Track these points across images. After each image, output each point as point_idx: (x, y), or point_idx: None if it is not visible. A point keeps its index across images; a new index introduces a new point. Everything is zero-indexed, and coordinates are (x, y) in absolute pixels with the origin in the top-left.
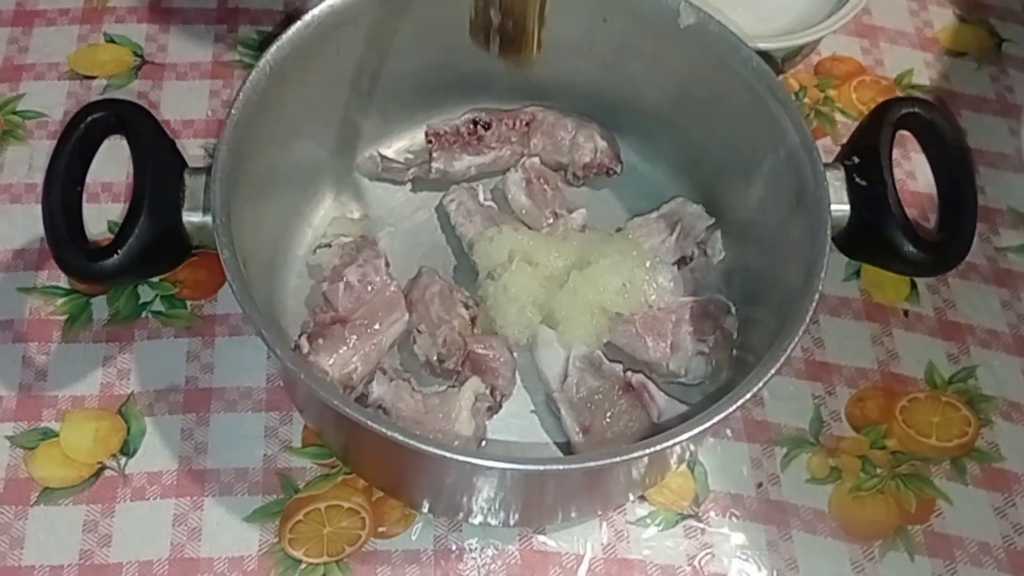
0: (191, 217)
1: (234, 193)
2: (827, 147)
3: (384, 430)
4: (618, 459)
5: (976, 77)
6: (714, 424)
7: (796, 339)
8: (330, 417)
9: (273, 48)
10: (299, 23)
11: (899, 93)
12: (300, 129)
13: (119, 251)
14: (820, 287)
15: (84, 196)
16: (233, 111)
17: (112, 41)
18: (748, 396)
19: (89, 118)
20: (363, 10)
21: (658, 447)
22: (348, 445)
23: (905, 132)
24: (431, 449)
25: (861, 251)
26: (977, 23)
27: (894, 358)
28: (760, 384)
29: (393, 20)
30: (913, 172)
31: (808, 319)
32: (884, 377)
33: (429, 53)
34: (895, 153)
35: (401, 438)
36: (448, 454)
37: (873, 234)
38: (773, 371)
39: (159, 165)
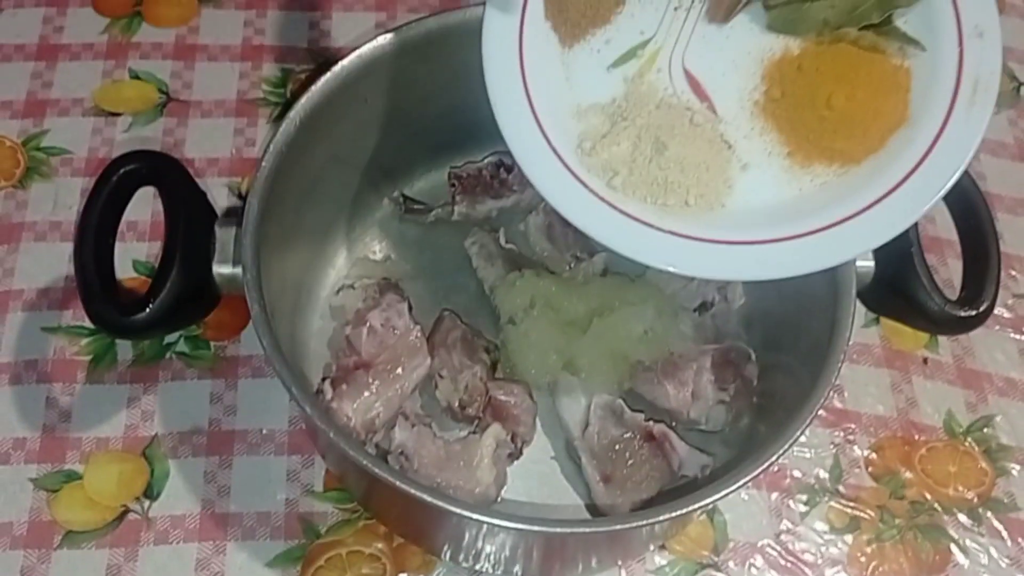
0: (221, 269)
1: (263, 243)
2: None
3: (407, 488)
4: (643, 523)
5: (995, 121)
6: (739, 487)
7: (821, 401)
8: (352, 467)
9: (303, 99)
10: (328, 74)
11: None
12: (326, 173)
13: (151, 305)
14: (846, 347)
15: None
16: (264, 163)
17: (137, 77)
18: (773, 459)
19: (122, 170)
20: (389, 59)
21: (683, 511)
22: (369, 493)
23: None
24: (451, 508)
25: (884, 307)
26: None
27: (913, 406)
28: (785, 448)
29: (418, 67)
30: (933, 216)
31: (834, 380)
32: (903, 425)
33: (452, 98)
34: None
35: (422, 496)
36: (467, 513)
37: (897, 291)
38: (799, 434)
39: (190, 217)
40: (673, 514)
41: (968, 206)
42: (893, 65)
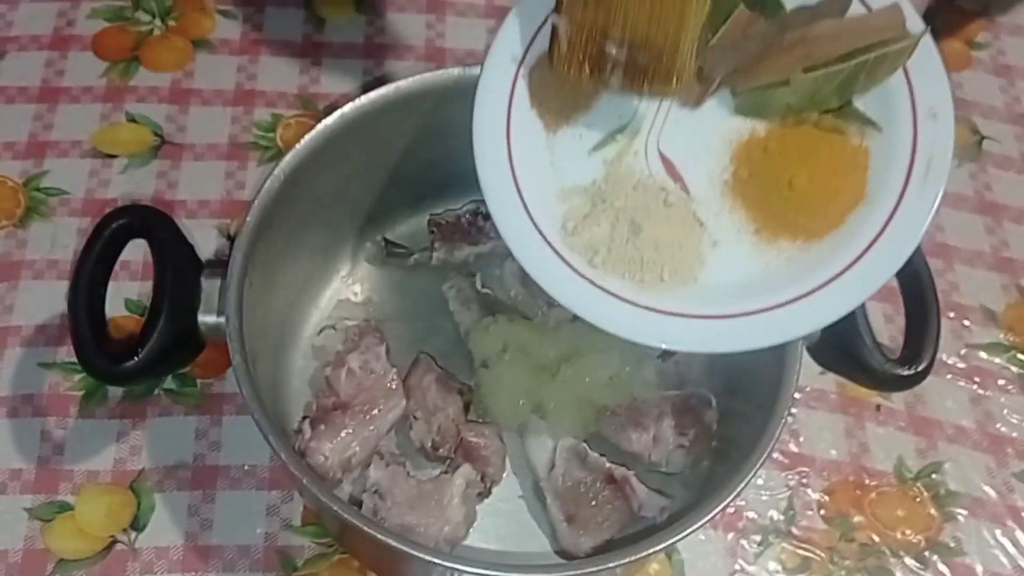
0: (206, 319)
1: (248, 289)
2: None
3: (375, 533)
4: (602, 567)
5: (956, 174)
6: (694, 530)
7: (767, 451)
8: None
9: (287, 157)
10: (311, 133)
11: None
12: (311, 221)
13: (139, 354)
14: (791, 402)
15: None
16: (248, 219)
17: (134, 120)
18: (725, 504)
19: (114, 224)
20: (371, 117)
21: (642, 555)
22: (343, 532)
23: None
24: (417, 553)
25: (830, 362)
26: (960, 120)
27: (866, 451)
28: (735, 493)
29: (400, 124)
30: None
31: (778, 433)
32: (855, 469)
33: (434, 151)
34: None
35: (388, 541)
36: (432, 558)
37: (842, 349)
38: (746, 482)
39: (178, 269)
40: (632, 557)
41: (912, 271)
42: (852, 146)
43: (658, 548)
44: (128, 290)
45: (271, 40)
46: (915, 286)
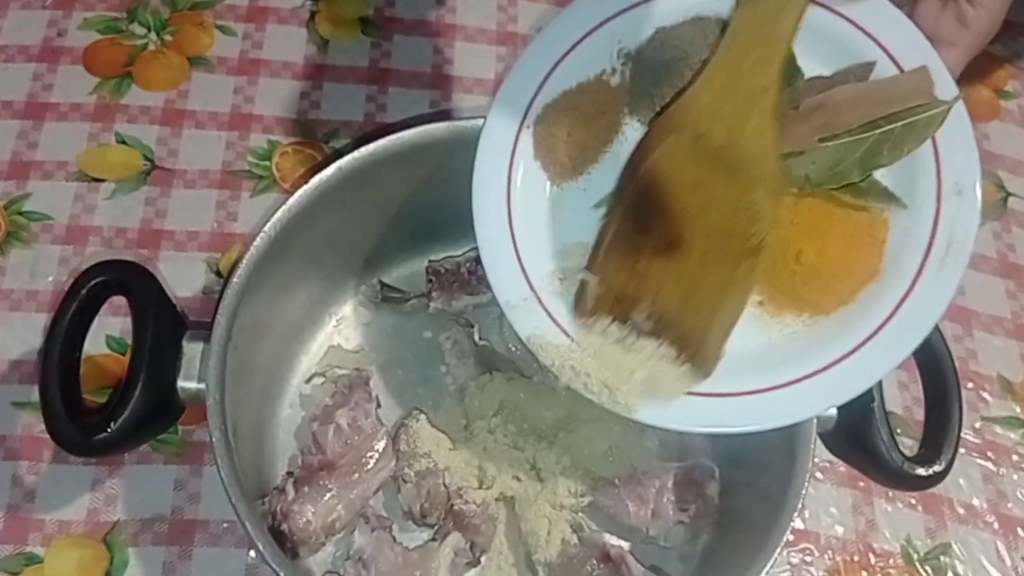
0: (186, 384)
1: (231, 355)
2: None
3: None
4: None
5: (979, 233)
6: None
7: (773, 559)
8: None
9: (279, 213)
10: (305, 187)
11: None
12: (302, 273)
13: (112, 426)
14: (803, 494)
15: None
16: (235, 280)
17: (123, 142)
18: None
19: (93, 282)
20: (369, 168)
21: None
22: None
23: None
24: None
25: (844, 454)
26: (985, 175)
27: (873, 528)
28: None
29: (398, 174)
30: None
31: (787, 531)
32: (861, 548)
33: (433, 197)
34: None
35: None
36: None
37: (856, 442)
38: None
39: (158, 331)
40: None
41: (935, 364)
42: (871, 216)
43: None
44: (110, 327)
45: (271, 60)
46: (935, 372)
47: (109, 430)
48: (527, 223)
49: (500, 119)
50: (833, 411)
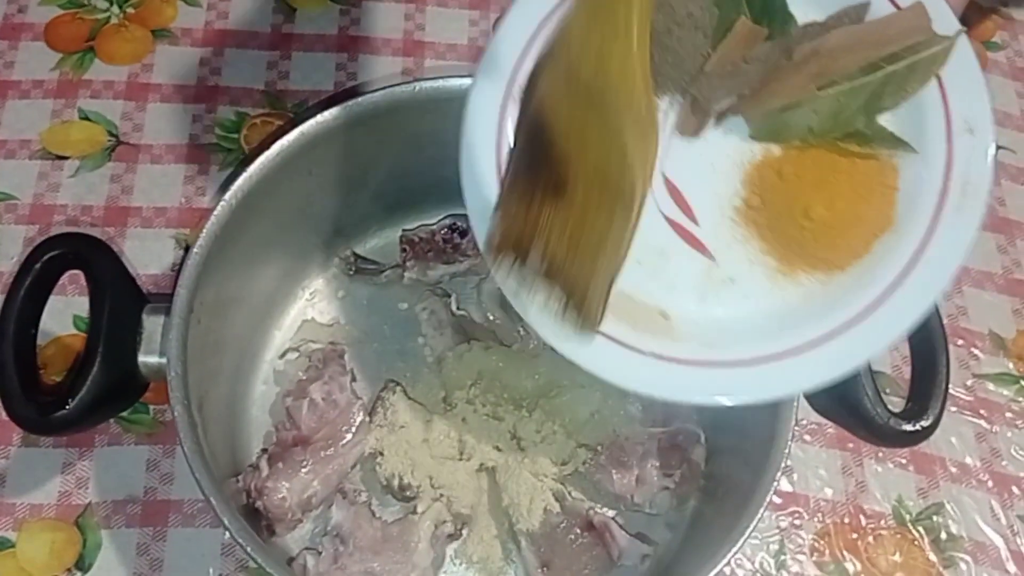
0: (147, 359)
1: (194, 329)
2: None
3: None
4: None
5: None
6: None
7: (756, 519)
8: None
9: (239, 181)
10: (266, 153)
11: None
12: (270, 241)
13: (70, 402)
14: (786, 455)
15: None
16: (195, 251)
17: (87, 118)
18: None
19: (46, 256)
20: (335, 132)
21: None
22: None
23: None
24: None
25: (828, 412)
26: None
27: (863, 490)
28: (727, 559)
29: (365, 138)
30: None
31: (773, 488)
32: (852, 510)
33: (403, 163)
34: None
35: None
36: None
37: (841, 399)
38: (736, 550)
39: (117, 304)
40: None
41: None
42: (879, 163)
43: None
44: (77, 306)
45: (237, 30)
46: (923, 332)
47: (67, 407)
48: None
49: (485, 87)
50: None
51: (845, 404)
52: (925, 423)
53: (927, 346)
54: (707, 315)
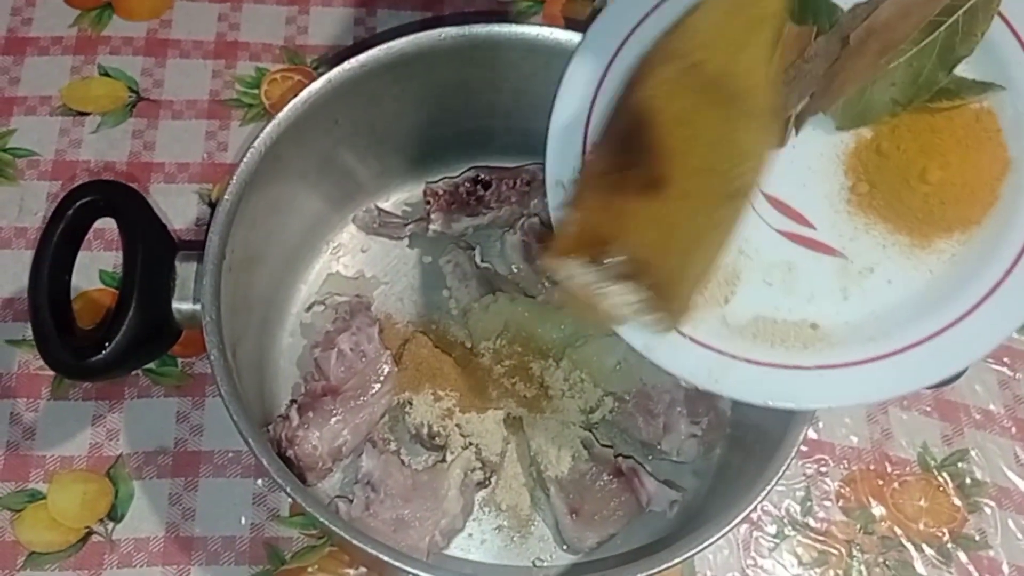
0: (181, 306)
1: (225, 276)
2: None
3: (362, 545)
4: None
5: None
6: (713, 542)
7: (787, 462)
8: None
9: (268, 128)
10: (294, 101)
11: None
12: (296, 193)
13: (107, 347)
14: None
15: None
16: (226, 197)
17: (106, 74)
18: (744, 514)
19: (78, 202)
20: (360, 80)
21: (659, 569)
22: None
23: None
24: (402, 565)
25: None
26: None
27: (888, 437)
28: (757, 501)
29: (391, 87)
30: None
31: (802, 437)
32: (877, 457)
33: (428, 113)
34: None
35: (371, 551)
36: (416, 571)
37: None
38: (768, 490)
39: (150, 251)
40: (649, 572)
41: None
42: (972, 111)
43: (675, 562)
44: (102, 261)
45: None
46: None
47: (104, 352)
48: None
49: (586, 64)
50: None
51: None
52: None
53: None
54: (857, 312)
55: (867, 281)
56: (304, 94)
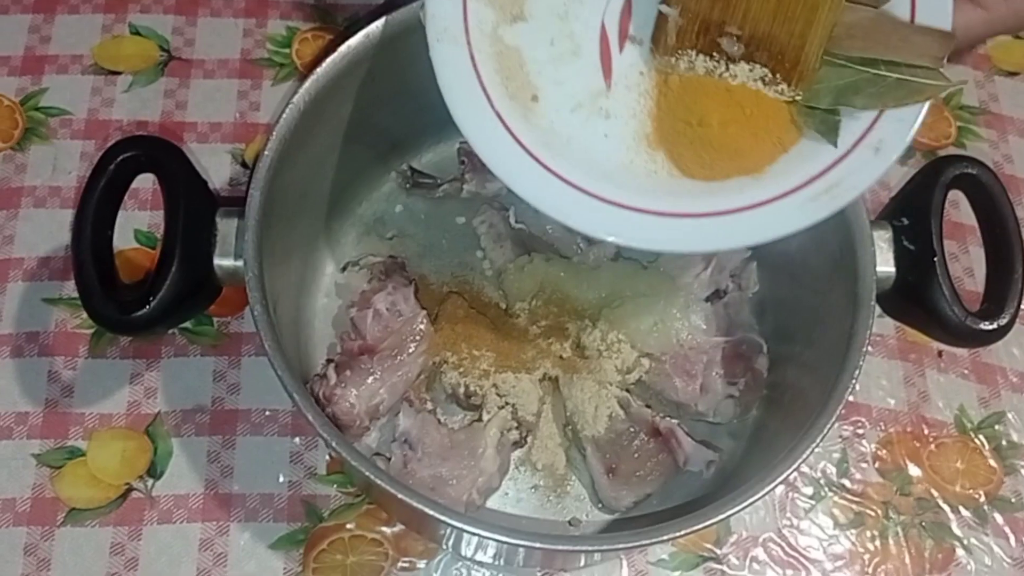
0: (223, 262)
1: (266, 233)
2: None
3: (404, 496)
4: (634, 544)
5: None
6: (751, 503)
7: (829, 424)
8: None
9: (307, 84)
10: (333, 56)
11: (948, 114)
12: (332, 152)
13: (151, 302)
14: (862, 360)
15: None
16: (266, 152)
17: (138, 33)
18: (785, 476)
19: (120, 158)
20: (396, 36)
21: (682, 533)
22: (370, 487)
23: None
24: (443, 517)
25: (902, 313)
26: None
27: (925, 399)
28: (796, 466)
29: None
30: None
31: (847, 396)
32: (914, 420)
33: None
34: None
35: (416, 504)
36: (458, 523)
37: (916, 299)
38: (808, 453)
39: (191, 208)
40: (688, 530)
41: (994, 211)
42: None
43: (715, 521)
44: (137, 220)
45: None
46: (997, 229)
47: (148, 306)
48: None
49: None
50: (892, 270)
51: (920, 304)
52: (1002, 321)
53: (1003, 246)
54: (565, 126)
55: (596, 119)
56: (343, 49)
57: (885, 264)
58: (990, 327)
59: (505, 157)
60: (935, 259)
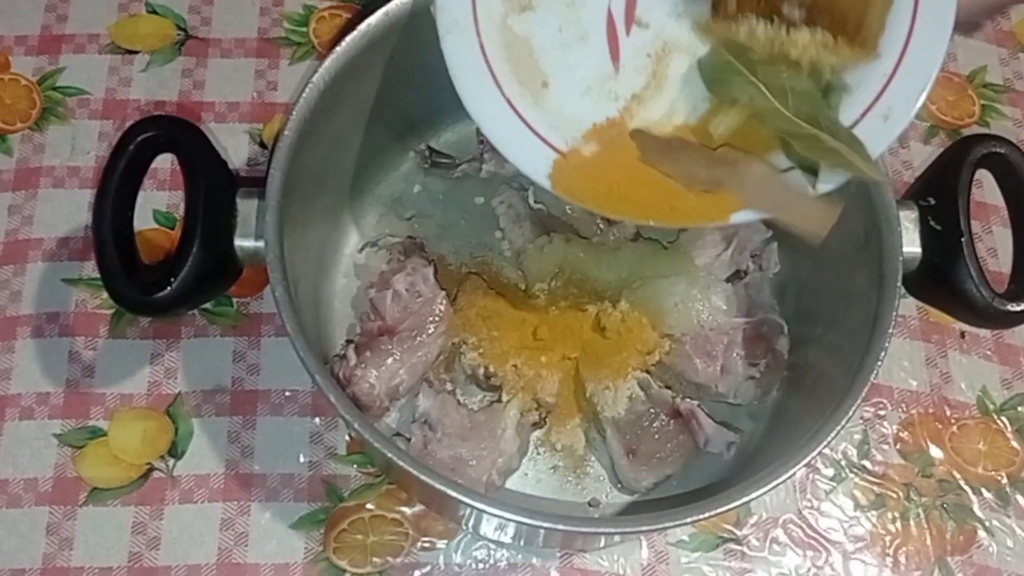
0: (243, 243)
1: (286, 213)
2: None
3: (422, 476)
4: (657, 527)
5: None
6: (773, 487)
7: (854, 407)
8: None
9: (327, 62)
10: (353, 34)
11: (972, 92)
12: (351, 131)
13: (172, 283)
14: (887, 343)
15: None
16: (286, 132)
17: (154, 12)
18: (809, 458)
19: (140, 138)
20: (416, 15)
21: (704, 515)
22: (390, 467)
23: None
24: (463, 498)
25: (927, 295)
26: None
27: (948, 381)
28: (820, 448)
29: None
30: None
31: (872, 378)
32: (936, 401)
33: None
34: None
35: (436, 485)
36: (478, 504)
37: (942, 280)
38: (832, 437)
39: (211, 189)
40: (689, 519)
41: (1022, 190)
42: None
43: (738, 504)
44: (156, 200)
45: None
46: None
47: (169, 287)
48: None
49: None
50: (918, 251)
51: (946, 285)
52: None
53: None
54: (576, 110)
55: (606, 100)
56: (363, 27)
57: (911, 245)
58: (1017, 308)
59: (517, 142)
60: (962, 239)
